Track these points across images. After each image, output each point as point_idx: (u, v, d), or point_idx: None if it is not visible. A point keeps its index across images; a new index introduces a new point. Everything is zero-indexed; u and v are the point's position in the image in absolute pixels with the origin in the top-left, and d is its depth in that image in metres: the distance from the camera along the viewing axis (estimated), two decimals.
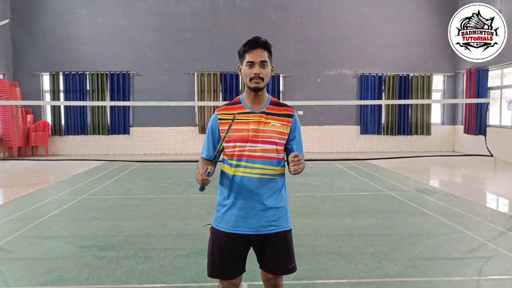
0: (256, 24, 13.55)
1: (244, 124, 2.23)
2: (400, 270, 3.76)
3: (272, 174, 2.25)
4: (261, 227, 2.23)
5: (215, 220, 2.31)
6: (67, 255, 4.18)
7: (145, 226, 5.17)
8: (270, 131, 2.23)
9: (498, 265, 3.96)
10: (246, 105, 2.28)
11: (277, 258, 2.28)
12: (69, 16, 13.42)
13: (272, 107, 2.30)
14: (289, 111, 2.32)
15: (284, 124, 2.28)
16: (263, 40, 2.25)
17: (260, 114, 2.25)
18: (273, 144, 2.24)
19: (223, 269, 2.26)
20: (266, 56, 2.24)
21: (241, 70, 2.29)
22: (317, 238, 4.72)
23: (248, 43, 2.24)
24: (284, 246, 2.29)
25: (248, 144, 2.21)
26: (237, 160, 2.22)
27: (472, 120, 12.94)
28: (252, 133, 2.21)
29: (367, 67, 13.94)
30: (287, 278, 3.55)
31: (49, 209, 6.15)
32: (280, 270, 2.31)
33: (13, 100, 12.09)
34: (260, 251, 2.29)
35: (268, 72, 2.24)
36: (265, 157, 2.22)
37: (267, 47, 2.26)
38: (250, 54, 2.22)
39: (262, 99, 2.29)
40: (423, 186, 7.83)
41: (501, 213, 6.13)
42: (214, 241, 2.28)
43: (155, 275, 3.66)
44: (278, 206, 2.27)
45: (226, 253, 2.25)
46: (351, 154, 13.16)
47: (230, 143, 2.23)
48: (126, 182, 8.33)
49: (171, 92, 13.32)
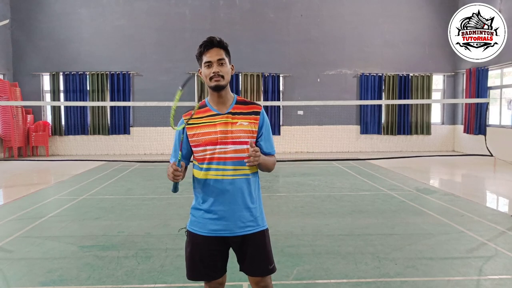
0: (256, 24, 13.57)
1: (211, 126, 2.21)
2: (400, 270, 3.77)
3: (245, 174, 2.22)
4: (238, 228, 2.21)
5: (191, 224, 2.28)
6: (68, 255, 4.19)
7: (145, 226, 5.18)
8: (238, 131, 2.21)
9: (498, 264, 3.96)
10: (212, 107, 2.26)
11: (257, 260, 2.26)
12: (69, 16, 13.42)
13: (238, 106, 2.27)
14: (256, 108, 2.29)
15: (251, 122, 2.25)
16: (218, 39, 2.24)
17: (227, 115, 2.22)
18: (243, 144, 2.20)
19: (205, 271, 2.26)
20: (223, 54, 2.23)
21: (201, 73, 2.27)
22: (318, 237, 4.73)
23: (203, 44, 2.23)
24: (263, 247, 2.27)
25: (218, 147, 2.18)
26: (208, 163, 2.20)
27: (472, 119, 12.94)
28: (220, 135, 2.19)
29: (367, 67, 13.95)
30: (287, 278, 3.56)
31: (49, 209, 6.16)
32: (260, 271, 2.28)
33: (13, 100, 12.10)
34: (240, 253, 2.28)
35: (227, 70, 2.23)
36: (236, 158, 2.19)
37: (223, 45, 2.25)
38: (206, 55, 2.21)
39: (227, 99, 2.26)
40: (423, 186, 7.83)
41: (501, 212, 6.13)
42: (193, 244, 2.26)
43: (156, 275, 3.67)
44: (253, 206, 2.25)
45: (206, 256, 2.24)
46: (351, 154, 13.17)
47: (199, 147, 2.21)
48: (126, 182, 8.34)
49: (171, 92, 13.31)
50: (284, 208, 6.20)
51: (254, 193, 2.27)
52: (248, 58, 13.21)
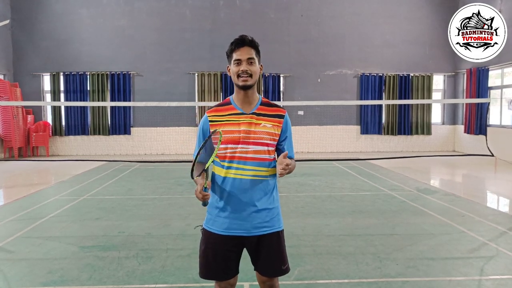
0: (257, 24, 13.56)
1: (235, 125, 2.22)
2: (401, 270, 3.76)
3: (264, 176, 2.24)
4: (254, 229, 2.22)
5: (207, 222, 2.29)
6: (69, 256, 4.18)
7: (146, 226, 5.18)
8: (261, 132, 2.22)
9: (499, 264, 3.96)
10: (237, 106, 2.26)
11: (271, 260, 2.27)
12: (69, 17, 13.42)
13: (263, 108, 2.28)
14: (280, 112, 2.30)
15: (275, 125, 2.26)
16: (250, 38, 2.24)
17: (251, 115, 2.23)
18: (264, 146, 2.22)
19: (218, 271, 2.26)
20: (253, 54, 2.23)
21: (229, 70, 2.28)
22: (318, 238, 4.72)
23: (235, 42, 2.23)
24: (277, 247, 2.29)
25: (239, 146, 2.19)
26: (229, 162, 2.21)
27: (473, 120, 12.94)
28: (243, 134, 2.20)
29: (368, 67, 13.94)
30: (288, 278, 3.55)
31: (50, 210, 6.15)
32: (274, 271, 2.30)
33: (13, 100, 12.10)
34: (254, 253, 2.29)
35: (256, 70, 2.23)
36: (256, 159, 2.21)
37: (254, 45, 2.25)
38: (237, 53, 2.21)
39: (253, 99, 2.27)
40: (424, 186, 7.83)
41: (502, 212, 6.13)
42: (208, 243, 2.27)
43: (157, 275, 3.67)
44: (270, 207, 2.26)
45: (220, 255, 2.24)
46: (351, 154, 13.16)
47: (221, 145, 2.22)
48: (127, 182, 8.34)
49: (172, 92, 13.33)
50: (284, 208, 6.19)
51: (272, 194, 2.28)
52: None
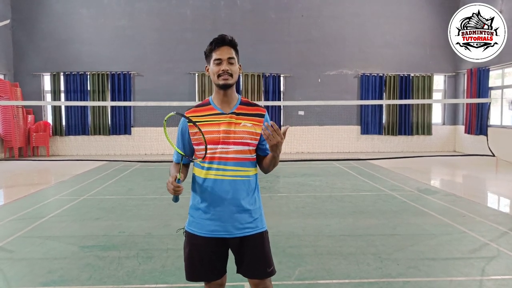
0: (257, 24, 13.56)
1: (215, 125, 2.19)
2: (402, 270, 3.75)
3: (245, 176, 2.21)
4: (237, 230, 2.19)
5: (189, 224, 2.27)
6: (69, 256, 4.18)
7: (146, 226, 5.17)
8: (241, 132, 2.19)
9: (500, 265, 3.95)
10: (216, 106, 2.24)
11: (256, 262, 2.23)
12: (70, 17, 13.42)
13: (243, 107, 2.26)
14: (260, 111, 2.28)
15: (255, 124, 2.23)
16: (229, 37, 2.23)
17: (231, 114, 2.21)
18: (245, 145, 2.20)
19: (205, 272, 2.24)
20: (233, 53, 2.22)
21: (208, 70, 2.27)
22: (319, 238, 4.71)
23: (215, 41, 2.22)
24: (261, 248, 2.24)
25: (219, 146, 2.17)
26: (209, 162, 2.18)
27: (473, 120, 12.93)
28: (223, 134, 2.17)
29: (368, 67, 13.94)
30: (289, 278, 3.55)
31: (50, 209, 6.15)
32: (259, 274, 2.24)
33: (14, 100, 12.10)
34: (238, 255, 2.26)
35: (236, 69, 2.22)
36: (238, 159, 2.18)
37: (234, 44, 2.24)
38: (217, 52, 2.20)
39: (232, 99, 2.25)
40: (425, 186, 7.82)
41: (503, 213, 6.13)
42: (192, 245, 2.24)
43: (157, 275, 3.66)
44: (252, 208, 2.23)
45: (206, 257, 2.22)
46: (351, 154, 13.15)
47: (201, 145, 2.19)
48: (127, 182, 8.33)
49: (172, 92, 13.32)
50: (285, 208, 6.19)
51: (254, 194, 2.25)
52: (249, 58, 13.15)
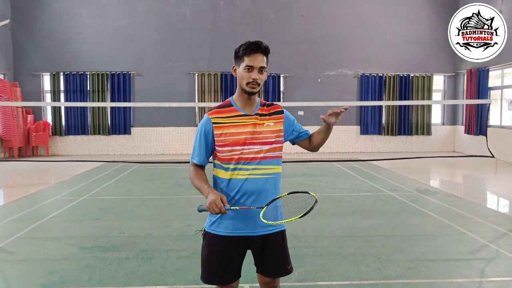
0: (257, 24, 13.56)
1: (240, 127, 2.21)
2: (402, 272, 3.76)
3: (271, 173, 2.25)
4: (260, 227, 2.22)
5: (211, 225, 2.27)
6: (69, 256, 4.18)
7: (146, 227, 5.17)
8: (266, 132, 2.24)
9: (500, 266, 3.96)
10: (239, 107, 2.27)
11: (277, 260, 2.28)
12: (69, 16, 13.41)
13: (263, 108, 2.30)
14: (277, 108, 2.34)
15: (277, 122, 2.29)
16: (265, 45, 2.21)
17: (255, 116, 2.25)
18: (269, 144, 2.24)
19: (222, 274, 2.25)
20: (265, 62, 2.22)
21: (236, 71, 2.27)
22: (319, 239, 4.72)
23: (250, 47, 2.18)
24: (282, 247, 2.30)
25: (246, 147, 2.19)
26: (235, 163, 2.20)
27: (473, 120, 12.94)
28: (248, 135, 2.20)
29: (368, 67, 13.94)
30: (289, 279, 3.55)
31: (50, 210, 6.15)
32: (278, 271, 2.30)
33: (13, 100, 12.09)
34: (259, 253, 2.28)
35: (264, 78, 2.24)
36: (263, 158, 2.22)
37: (267, 52, 2.23)
38: (250, 58, 2.17)
39: (254, 101, 2.29)
40: (424, 187, 7.83)
41: (503, 214, 6.13)
42: (212, 246, 2.25)
43: (157, 276, 3.66)
44: (278, 205, 2.27)
45: (225, 258, 2.24)
46: (351, 155, 13.15)
47: (226, 147, 2.21)
48: (127, 183, 8.33)
49: (172, 92, 13.32)
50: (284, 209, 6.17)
51: (277, 192, 2.30)
52: None
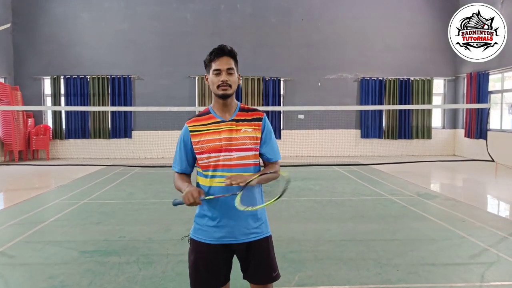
0: (257, 28, 13.60)
1: (216, 133, 2.22)
2: (402, 276, 3.76)
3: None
4: (243, 235, 2.22)
5: (195, 232, 2.28)
6: (69, 261, 4.18)
7: (147, 231, 5.17)
8: (243, 138, 2.22)
9: (500, 271, 3.95)
10: (216, 114, 2.27)
11: (261, 267, 2.26)
12: (70, 20, 13.45)
13: (242, 114, 2.29)
14: (258, 115, 2.31)
15: (255, 129, 2.26)
16: (229, 48, 2.26)
17: (231, 122, 2.24)
18: (248, 151, 2.23)
19: (210, 280, 2.25)
20: (233, 64, 2.25)
21: (207, 79, 2.30)
22: (319, 243, 4.72)
23: (214, 52, 2.24)
24: (267, 253, 2.28)
25: (222, 154, 2.19)
26: (213, 170, 2.20)
27: (473, 124, 12.94)
28: (224, 142, 2.20)
29: (368, 71, 13.96)
30: (289, 284, 3.55)
31: (50, 214, 6.15)
32: (264, 279, 2.28)
33: (14, 103, 12.12)
34: (244, 260, 2.28)
35: (235, 80, 2.25)
36: (241, 165, 2.21)
37: (233, 55, 2.27)
38: (216, 62, 2.23)
39: (231, 106, 2.28)
40: (424, 191, 7.83)
41: (503, 218, 6.13)
42: (197, 253, 2.26)
43: (158, 281, 3.66)
44: (258, 213, 2.25)
45: (211, 264, 2.24)
46: (351, 158, 13.16)
47: (203, 154, 2.21)
48: (127, 187, 8.33)
49: (172, 96, 13.34)
50: (285, 213, 6.18)
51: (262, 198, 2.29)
52: (249, 62, 13.20)
